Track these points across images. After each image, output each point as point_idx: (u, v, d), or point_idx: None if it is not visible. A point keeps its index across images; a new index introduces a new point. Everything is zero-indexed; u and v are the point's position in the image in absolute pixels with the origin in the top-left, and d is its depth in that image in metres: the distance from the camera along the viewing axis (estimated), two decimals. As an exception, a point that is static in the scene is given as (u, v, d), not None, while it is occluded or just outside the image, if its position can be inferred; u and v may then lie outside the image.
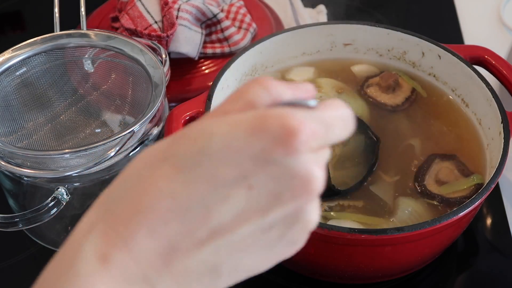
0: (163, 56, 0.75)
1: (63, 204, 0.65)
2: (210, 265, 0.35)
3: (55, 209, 0.65)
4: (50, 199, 0.65)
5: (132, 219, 0.33)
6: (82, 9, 0.79)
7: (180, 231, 0.33)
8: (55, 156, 0.65)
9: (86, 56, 0.76)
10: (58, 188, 0.65)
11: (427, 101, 0.80)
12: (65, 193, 0.66)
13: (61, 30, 0.76)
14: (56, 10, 0.77)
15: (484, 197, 0.63)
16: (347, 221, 0.67)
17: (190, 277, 0.34)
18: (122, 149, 0.66)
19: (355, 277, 0.69)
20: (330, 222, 0.66)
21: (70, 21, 0.83)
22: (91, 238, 0.34)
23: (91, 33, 0.76)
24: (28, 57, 0.73)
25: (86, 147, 0.64)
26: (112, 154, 0.65)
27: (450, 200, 0.69)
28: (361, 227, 0.66)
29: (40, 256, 0.76)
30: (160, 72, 0.71)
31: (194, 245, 0.34)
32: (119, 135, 0.65)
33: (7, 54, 0.72)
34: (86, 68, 0.77)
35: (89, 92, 0.78)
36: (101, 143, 0.64)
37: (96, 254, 0.33)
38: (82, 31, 0.76)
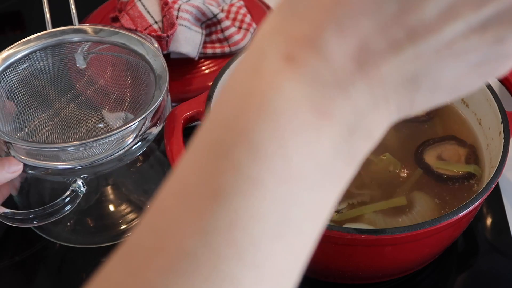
0: (156, 45, 0.75)
1: (80, 196, 0.66)
2: (409, 73, 0.29)
3: (74, 202, 0.65)
4: (68, 192, 0.65)
5: (317, 15, 0.28)
6: (72, 6, 0.79)
7: (374, 29, 0.28)
8: (72, 147, 0.64)
9: (84, 51, 0.76)
10: (76, 180, 0.65)
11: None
12: (82, 185, 0.66)
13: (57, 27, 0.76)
14: (47, 10, 0.77)
15: (484, 197, 0.63)
16: (366, 216, 0.68)
17: (386, 86, 0.29)
18: (139, 135, 0.67)
19: (355, 277, 0.69)
20: (347, 225, 0.67)
21: (65, 19, 0.83)
22: (273, 39, 0.29)
23: (87, 28, 0.76)
24: (23, 57, 0.73)
25: (104, 136, 0.64)
26: (130, 140, 0.66)
27: (434, 172, 0.72)
28: (380, 215, 0.68)
29: (46, 252, 0.76)
30: (161, 60, 0.72)
31: (391, 47, 0.29)
32: (134, 122, 0.66)
33: (6, 52, 0.72)
34: (84, 63, 0.77)
35: (90, 87, 0.78)
36: (119, 130, 0.65)
37: (279, 54, 0.28)
38: (75, 27, 0.76)
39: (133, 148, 0.68)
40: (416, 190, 0.71)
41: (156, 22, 0.89)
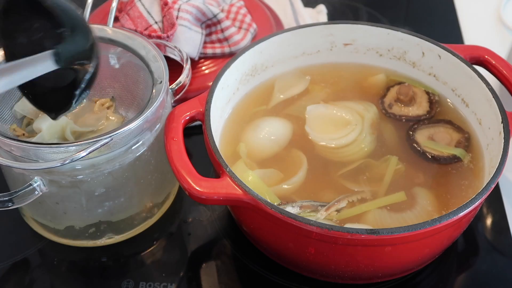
0: (184, 56, 0.78)
1: (37, 194, 0.67)
2: None
3: (26, 198, 0.67)
4: (25, 185, 0.67)
5: None
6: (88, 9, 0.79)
7: None
8: (73, 147, 0.64)
9: None
10: (34, 177, 0.67)
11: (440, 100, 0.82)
12: (42, 184, 0.67)
13: None
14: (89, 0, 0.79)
15: (484, 197, 0.63)
16: (371, 213, 0.68)
17: None
18: (139, 135, 0.68)
19: (355, 277, 0.69)
20: (349, 224, 0.67)
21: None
22: None
23: (93, 27, 0.76)
24: None
25: (105, 135, 0.64)
26: (130, 140, 0.67)
27: (420, 150, 0.74)
28: (386, 212, 0.68)
29: (46, 252, 0.76)
30: (161, 60, 0.72)
31: None
32: (135, 122, 0.66)
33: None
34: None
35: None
36: (120, 130, 0.65)
37: None
38: None
39: (133, 148, 0.69)
40: (417, 186, 0.72)
41: (156, 22, 0.89)
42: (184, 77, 0.77)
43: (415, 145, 0.75)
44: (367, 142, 0.76)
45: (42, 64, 0.59)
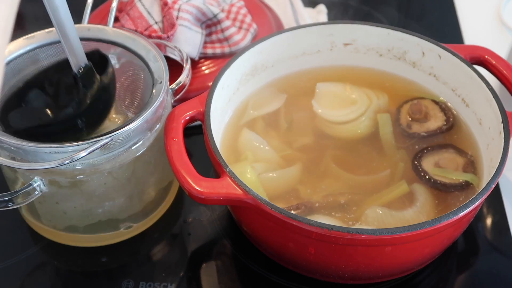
0: (184, 57, 0.79)
1: (37, 194, 0.68)
2: None
3: (29, 197, 0.68)
4: (25, 185, 0.67)
5: None
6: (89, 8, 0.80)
7: None
8: (73, 147, 0.65)
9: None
10: (34, 177, 0.67)
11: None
12: (42, 184, 0.68)
13: None
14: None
15: (484, 197, 0.63)
16: (372, 210, 0.69)
17: None
18: (139, 135, 0.68)
19: (355, 277, 0.69)
20: (356, 225, 0.67)
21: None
22: None
23: (88, 27, 0.76)
24: (28, 52, 0.74)
25: (105, 135, 0.65)
26: (130, 140, 0.67)
27: (430, 179, 0.72)
28: (387, 209, 0.69)
29: (47, 251, 0.76)
30: (161, 60, 0.72)
31: None
32: (135, 121, 0.66)
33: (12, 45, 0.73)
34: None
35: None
36: (120, 130, 0.65)
37: None
38: (85, 25, 0.77)
39: (133, 148, 0.69)
40: (415, 182, 0.72)
41: (156, 23, 0.89)
42: (184, 77, 0.77)
43: (424, 174, 0.73)
44: (363, 126, 0.77)
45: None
